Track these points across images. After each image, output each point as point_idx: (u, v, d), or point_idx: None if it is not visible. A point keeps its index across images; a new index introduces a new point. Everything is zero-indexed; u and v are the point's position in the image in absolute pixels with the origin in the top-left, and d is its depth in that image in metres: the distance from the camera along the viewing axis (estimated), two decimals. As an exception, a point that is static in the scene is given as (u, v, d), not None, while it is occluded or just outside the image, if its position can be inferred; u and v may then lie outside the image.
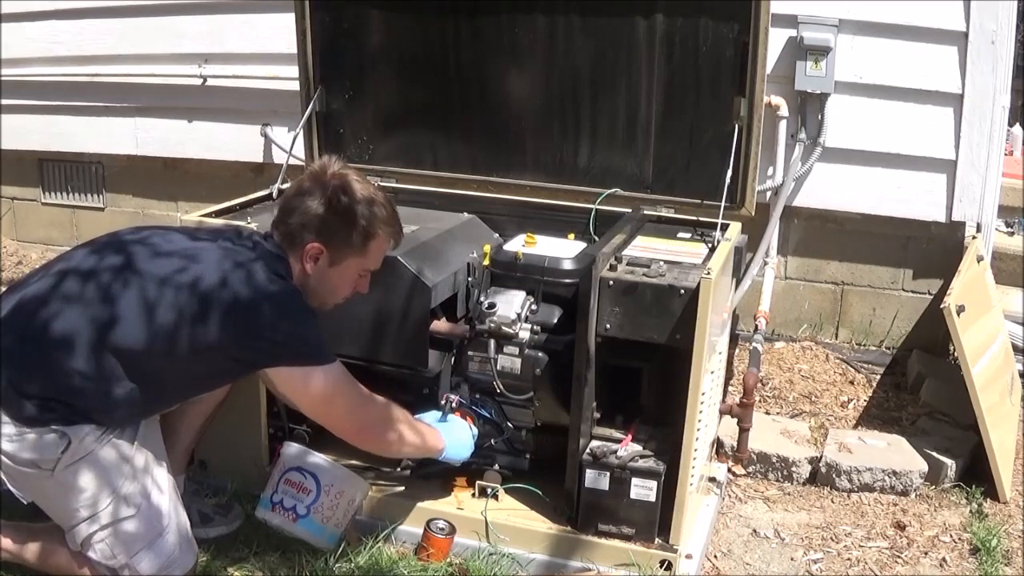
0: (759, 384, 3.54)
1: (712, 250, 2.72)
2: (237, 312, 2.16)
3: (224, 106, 4.48)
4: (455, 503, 2.70)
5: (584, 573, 2.55)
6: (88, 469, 2.17)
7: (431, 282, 2.58)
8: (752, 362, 3.30)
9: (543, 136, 3.17)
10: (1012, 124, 5.15)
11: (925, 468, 3.12)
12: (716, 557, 2.78)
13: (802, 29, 3.66)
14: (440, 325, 2.70)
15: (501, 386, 2.64)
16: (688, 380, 2.44)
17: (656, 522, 2.54)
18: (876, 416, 3.55)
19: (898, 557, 2.81)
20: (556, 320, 2.67)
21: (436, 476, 2.75)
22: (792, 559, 2.79)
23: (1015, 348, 3.66)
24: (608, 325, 2.52)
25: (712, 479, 3.00)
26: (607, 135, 3.09)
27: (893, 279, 3.95)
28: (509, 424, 2.73)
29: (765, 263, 3.83)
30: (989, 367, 3.27)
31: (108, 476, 2.20)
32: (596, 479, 2.55)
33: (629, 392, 2.69)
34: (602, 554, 2.55)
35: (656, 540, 2.55)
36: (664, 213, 3.03)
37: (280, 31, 3.87)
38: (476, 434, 2.62)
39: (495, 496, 2.69)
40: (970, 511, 3.04)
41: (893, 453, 3.20)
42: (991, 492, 3.10)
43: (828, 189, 3.86)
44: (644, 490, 2.52)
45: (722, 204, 2.82)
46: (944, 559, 2.80)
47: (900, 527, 2.94)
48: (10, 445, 2.13)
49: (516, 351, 2.64)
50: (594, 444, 2.59)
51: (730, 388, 3.58)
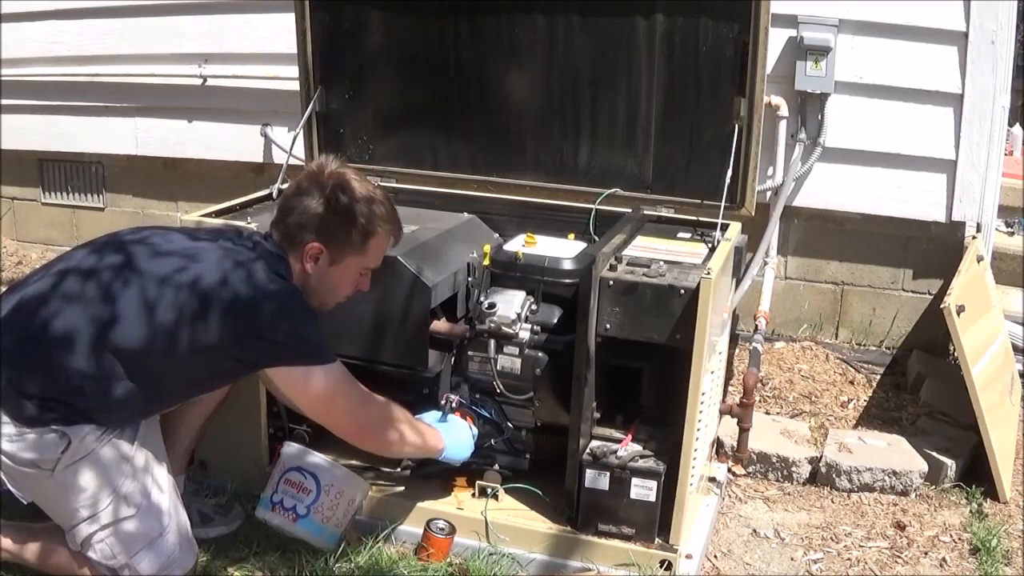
0: (759, 384, 3.54)
1: (712, 250, 2.72)
2: (237, 310, 2.16)
3: (224, 106, 4.48)
4: (455, 503, 2.70)
5: (584, 573, 2.55)
6: (88, 469, 2.17)
7: (431, 282, 2.58)
8: (752, 362, 3.30)
9: (543, 136, 3.17)
10: (1012, 124, 5.14)
11: (925, 468, 3.12)
12: (716, 557, 2.78)
13: (802, 29, 3.66)
14: (440, 325, 2.70)
15: (501, 386, 2.64)
16: (688, 380, 2.44)
17: (656, 522, 2.54)
18: (876, 416, 3.55)
19: (898, 557, 2.81)
20: (556, 320, 2.67)
21: (436, 476, 2.75)
22: (792, 559, 2.79)
23: (1015, 348, 3.66)
24: (608, 325, 2.52)
25: (712, 479, 3.00)
26: (607, 135, 3.09)
27: (893, 279, 3.95)
28: (509, 424, 2.73)
29: (765, 263, 3.83)
30: (989, 367, 3.26)
31: (108, 476, 2.20)
32: (596, 479, 2.55)
33: (629, 392, 2.69)
34: (602, 554, 2.55)
35: (656, 540, 2.55)
36: (664, 213, 3.03)
37: (280, 31, 3.87)
38: (476, 434, 2.62)
39: (495, 496, 2.69)
40: (970, 511, 3.04)
41: (893, 453, 3.20)
42: (991, 492, 3.10)
43: (828, 189, 3.87)
44: (644, 490, 2.52)
45: (722, 204, 2.82)
46: (944, 559, 2.80)
47: (900, 527, 2.94)
48: (10, 445, 2.13)
49: (516, 351, 2.64)
50: (594, 444, 2.59)
51: (730, 388, 3.58)
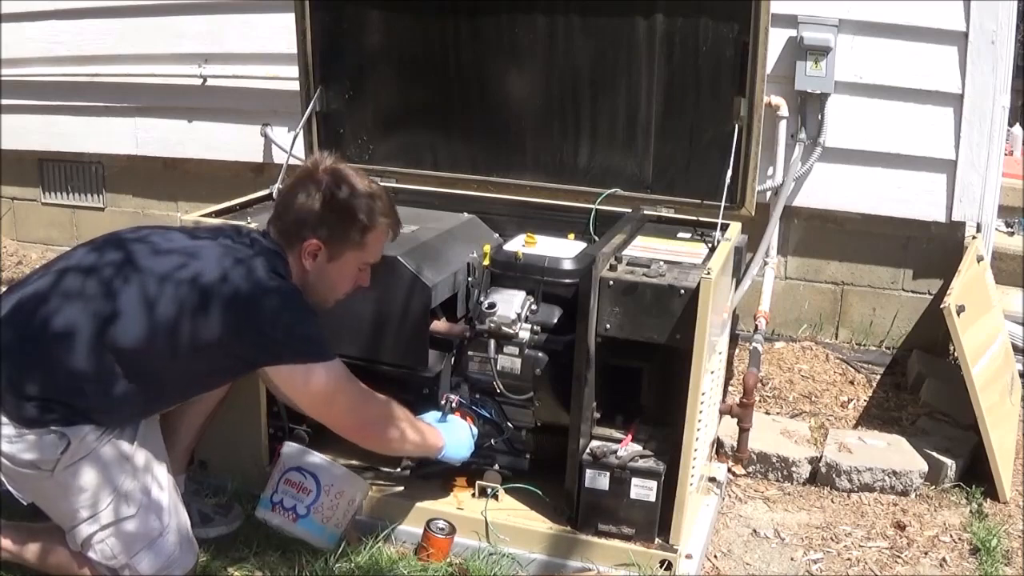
0: (759, 384, 3.54)
1: (712, 250, 2.72)
2: (238, 306, 2.16)
3: (224, 106, 4.48)
4: (455, 503, 2.70)
5: (584, 573, 2.55)
6: (88, 469, 2.17)
7: (431, 282, 2.58)
8: (752, 362, 3.30)
9: (543, 136, 3.17)
10: (1012, 124, 5.14)
11: (925, 468, 3.12)
12: (716, 557, 2.78)
13: (802, 29, 3.66)
14: (440, 325, 2.70)
15: (501, 386, 2.64)
16: (688, 380, 2.44)
17: (656, 522, 2.54)
18: (876, 416, 3.55)
19: (898, 557, 2.81)
20: (556, 320, 2.67)
21: (436, 476, 2.76)
22: (792, 559, 2.79)
23: (1015, 348, 3.66)
24: (608, 325, 2.52)
25: (712, 479, 3.00)
26: (607, 135, 3.09)
27: (893, 279, 3.95)
28: (509, 424, 2.73)
29: (765, 263, 3.83)
30: (989, 367, 3.26)
31: (108, 476, 2.19)
32: (596, 479, 2.55)
33: (629, 392, 2.69)
34: (602, 554, 2.55)
35: (656, 540, 2.55)
36: (664, 213, 3.03)
37: (280, 31, 3.87)
38: (476, 434, 2.62)
39: (495, 496, 2.69)
40: (970, 511, 3.04)
41: (893, 453, 3.20)
42: (991, 492, 3.10)
43: (828, 189, 3.86)
44: (644, 490, 2.52)
45: (722, 204, 2.82)
46: (944, 559, 2.80)
47: (900, 527, 2.94)
48: (10, 446, 2.13)
49: (516, 351, 2.64)
50: (594, 444, 2.59)
51: (730, 388, 3.58)
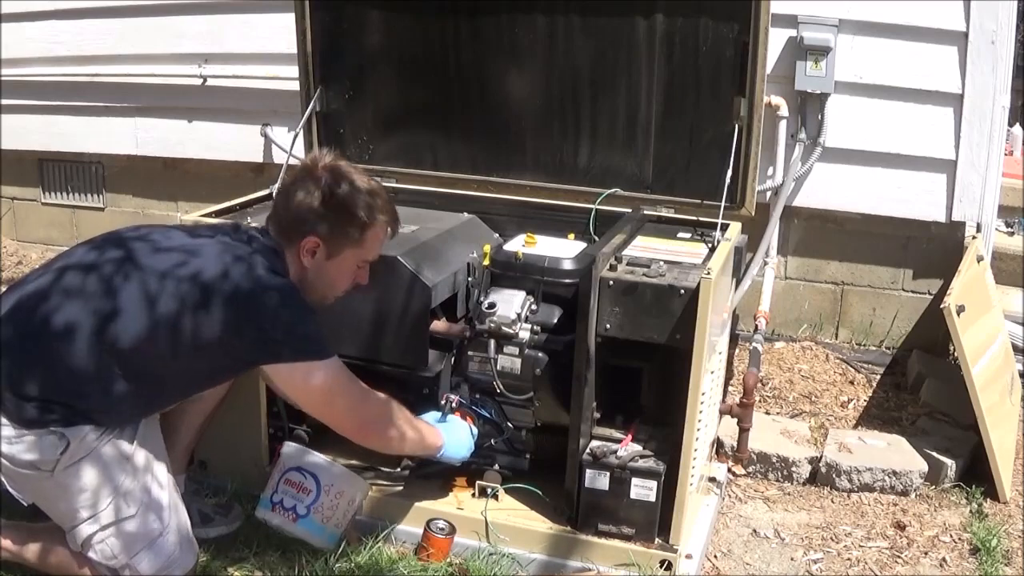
0: (759, 384, 3.54)
1: (712, 250, 2.72)
2: (238, 302, 2.15)
3: (224, 106, 4.48)
4: (455, 503, 2.70)
5: (584, 573, 2.55)
6: (88, 469, 2.17)
7: (431, 282, 2.58)
8: (752, 362, 3.30)
9: (543, 136, 3.17)
10: (1012, 124, 5.14)
11: (925, 468, 3.12)
12: (716, 557, 2.78)
13: (802, 29, 3.65)
14: (440, 325, 2.70)
15: (501, 386, 2.64)
16: (688, 380, 2.44)
17: (656, 522, 2.54)
18: (876, 416, 3.55)
19: (898, 557, 2.81)
20: (556, 320, 2.67)
21: (436, 476, 2.75)
22: (792, 559, 2.79)
23: (1015, 348, 3.66)
24: (608, 325, 2.52)
25: (712, 479, 3.00)
26: (607, 135, 3.09)
27: (893, 279, 3.95)
28: (509, 424, 2.73)
29: (765, 263, 3.83)
30: (989, 367, 3.26)
31: (108, 476, 2.19)
32: (596, 479, 2.55)
33: (629, 392, 2.69)
34: (602, 554, 2.55)
35: (656, 540, 2.55)
36: (664, 213, 3.03)
37: (280, 31, 3.87)
38: (476, 434, 2.62)
39: (495, 496, 2.69)
40: (970, 511, 3.04)
41: (893, 453, 3.20)
42: (991, 492, 3.10)
43: (828, 189, 3.86)
44: (644, 490, 2.52)
45: (722, 204, 2.82)
46: (944, 559, 2.80)
47: (900, 527, 2.94)
48: (9, 447, 2.13)
49: (516, 351, 2.63)
50: (594, 444, 2.59)
51: (730, 388, 3.58)
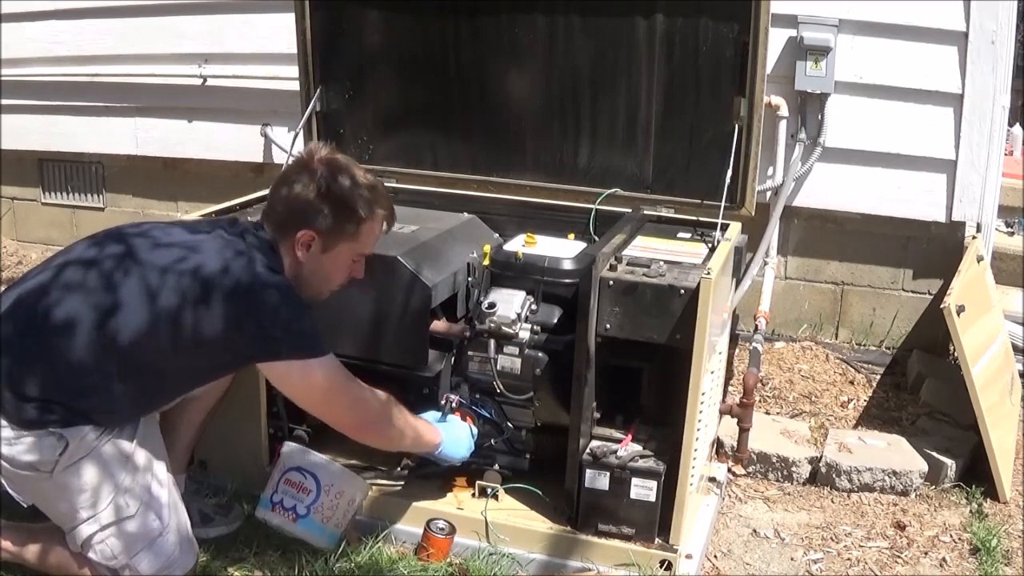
0: (759, 384, 3.54)
1: (712, 250, 2.72)
2: (238, 298, 2.14)
3: (224, 106, 4.48)
4: (455, 503, 2.70)
5: (584, 573, 2.55)
6: (87, 470, 2.17)
7: (431, 282, 2.58)
8: (752, 362, 3.30)
9: (543, 136, 3.17)
10: (1012, 124, 5.14)
11: (925, 468, 3.12)
12: (716, 557, 2.78)
13: (802, 29, 3.66)
14: (439, 325, 2.70)
15: (501, 386, 2.64)
16: (688, 380, 2.44)
17: (656, 522, 2.54)
18: (876, 416, 3.55)
19: (898, 557, 2.81)
20: (556, 320, 2.67)
21: (436, 476, 2.75)
22: (792, 559, 2.79)
23: (1015, 348, 3.66)
24: (608, 325, 2.52)
25: (712, 479, 3.00)
26: (607, 135, 3.09)
27: (893, 279, 3.95)
28: (509, 424, 2.73)
29: (765, 263, 3.83)
30: (989, 367, 3.26)
31: (108, 476, 2.19)
32: (596, 479, 2.55)
33: (629, 392, 2.69)
34: (602, 554, 2.55)
35: (656, 540, 2.55)
36: (664, 213, 3.03)
37: (280, 31, 3.87)
38: (476, 434, 2.62)
39: (495, 496, 2.68)
40: (970, 511, 3.04)
41: (893, 453, 3.19)
42: (991, 492, 3.10)
43: (828, 189, 3.86)
44: (644, 490, 2.52)
45: (722, 204, 2.82)
46: (944, 559, 2.80)
47: (900, 527, 2.94)
48: (9, 449, 2.12)
49: (516, 351, 2.63)
50: (594, 444, 2.59)
51: (730, 388, 3.58)
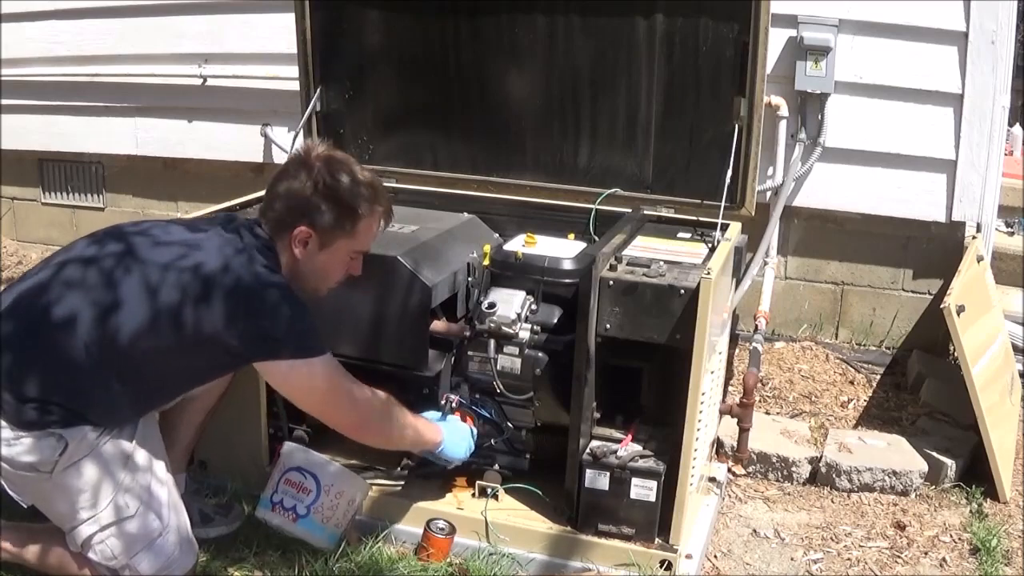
0: (759, 384, 3.54)
1: (712, 250, 2.72)
2: (239, 296, 2.14)
3: (224, 106, 4.48)
4: (455, 503, 2.70)
5: (584, 573, 2.55)
6: (87, 470, 2.17)
7: (431, 282, 2.58)
8: (752, 362, 3.30)
9: (543, 136, 3.17)
10: (1012, 124, 5.14)
11: (925, 468, 3.12)
12: (716, 557, 2.78)
13: (802, 29, 3.65)
14: (439, 325, 2.70)
15: (501, 386, 2.64)
16: (688, 380, 2.44)
17: (656, 522, 2.54)
18: (876, 416, 3.55)
19: (898, 557, 2.81)
20: (556, 320, 2.67)
21: (436, 476, 2.75)
22: (792, 559, 2.79)
23: (1015, 348, 3.66)
24: (608, 325, 2.52)
25: (712, 479, 3.00)
26: (607, 135, 3.09)
27: (893, 279, 3.95)
28: (509, 424, 2.73)
29: (765, 263, 3.83)
30: (989, 367, 3.26)
31: (107, 477, 2.19)
32: (596, 479, 2.55)
33: (629, 392, 2.69)
34: (602, 554, 2.55)
35: (656, 540, 2.55)
36: (664, 213, 3.03)
37: (280, 31, 3.87)
38: (476, 435, 2.61)
39: (495, 496, 2.68)
40: (970, 511, 3.04)
41: (893, 453, 3.19)
42: (991, 492, 3.10)
43: (828, 189, 3.86)
44: (644, 490, 2.52)
45: (722, 204, 2.82)
46: (944, 559, 2.80)
47: (900, 527, 2.94)
48: (8, 450, 2.12)
49: (516, 351, 2.63)
50: (594, 444, 2.59)
51: (730, 388, 3.58)
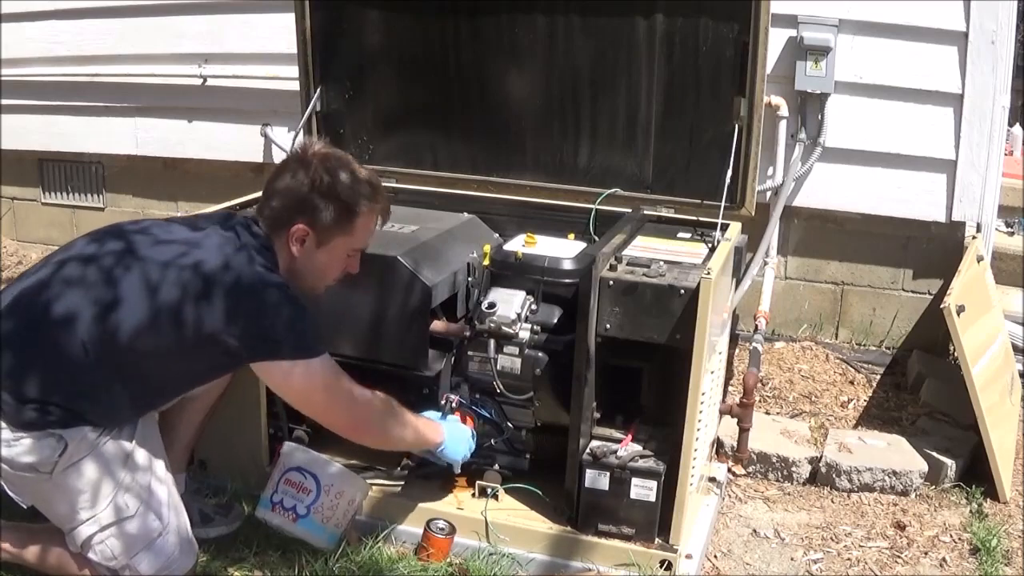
0: (759, 384, 3.54)
1: (712, 250, 2.72)
2: (241, 294, 2.13)
3: (224, 106, 4.48)
4: (455, 503, 2.70)
5: (584, 573, 2.55)
6: (86, 470, 2.17)
7: (431, 282, 2.58)
8: (752, 362, 3.30)
9: (543, 136, 3.17)
10: (1012, 124, 5.14)
11: (925, 468, 3.12)
12: (716, 557, 2.78)
13: (802, 29, 3.65)
14: (439, 325, 2.70)
15: (501, 386, 2.64)
16: (688, 380, 2.44)
17: (656, 522, 2.54)
18: (876, 416, 3.55)
19: (898, 557, 2.81)
20: (556, 320, 2.67)
21: (436, 476, 2.75)
22: (792, 559, 2.79)
23: (1015, 348, 3.66)
24: (608, 325, 2.52)
25: (712, 479, 3.00)
26: (607, 135, 3.09)
27: (893, 279, 3.95)
28: (509, 424, 2.73)
29: (765, 263, 3.83)
30: (989, 367, 3.26)
31: (107, 477, 2.19)
32: (596, 479, 2.55)
33: (629, 392, 2.69)
34: (602, 554, 2.55)
35: (656, 540, 2.55)
36: (664, 213, 3.03)
37: (280, 31, 3.87)
38: (476, 436, 2.61)
39: (495, 496, 2.69)
40: (970, 511, 3.04)
41: (893, 453, 3.19)
42: (991, 492, 3.10)
43: (828, 189, 3.86)
44: (644, 490, 2.52)
45: (722, 204, 2.82)
46: (944, 559, 2.80)
47: (900, 527, 2.94)
48: (8, 450, 2.12)
49: (516, 351, 2.63)
50: (594, 444, 2.59)
51: (730, 388, 3.58)
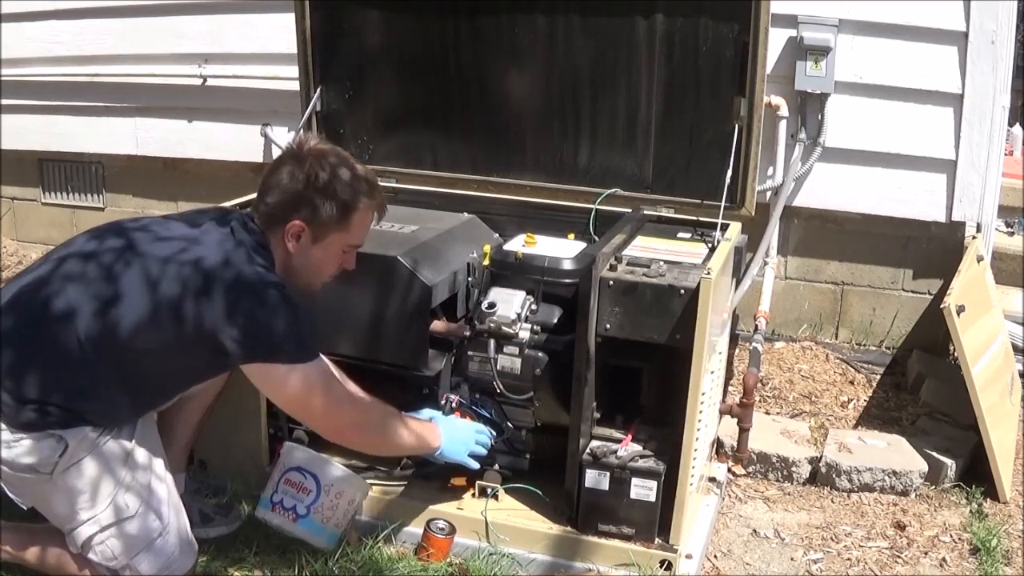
0: (759, 384, 3.54)
1: (712, 250, 2.72)
2: (241, 292, 2.13)
3: (224, 106, 4.48)
4: (455, 503, 2.70)
5: (584, 573, 2.55)
6: (86, 471, 2.17)
7: (431, 282, 2.58)
8: (752, 362, 3.30)
9: (543, 136, 3.17)
10: (1012, 124, 5.14)
11: (925, 468, 3.12)
12: (716, 557, 2.78)
13: (802, 29, 3.65)
14: (439, 325, 2.70)
15: (501, 386, 2.64)
16: (688, 380, 2.44)
17: (656, 522, 2.54)
18: (876, 416, 3.55)
19: (898, 557, 2.81)
20: (556, 320, 2.67)
21: (436, 476, 2.75)
22: (792, 559, 2.79)
23: (1015, 348, 3.66)
24: (608, 325, 2.52)
25: (712, 479, 3.00)
26: (607, 135, 3.09)
27: (893, 279, 3.95)
28: (509, 424, 2.73)
29: (765, 263, 3.83)
30: (989, 367, 3.26)
31: (107, 477, 2.19)
32: (596, 479, 2.55)
33: (629, 392, 2.69)
34: (602, 554, 2.55)
35: (656, 540, 2.55)
36: (664, 213, 3.03)
37: (280, 31, 3.87)
38: (492, 435, 2.61)
39: (495, 496, 2.69)
40: (970, 511, 3.04)
41: (893, 453, 3.20)
42: (991, 492, 3.10)
43: (828, 189, 3.86)
44: (644, 490, 2.52)
45: (722, 204, 2.82)
46: (944, 559, 2.80)
47: (900, 527, 2.94)
48: (8, 451, 2.12)
49: (516, 351, 2.63)
50: (594, 444, 2.59)
51: (730, 388, 3.58)
